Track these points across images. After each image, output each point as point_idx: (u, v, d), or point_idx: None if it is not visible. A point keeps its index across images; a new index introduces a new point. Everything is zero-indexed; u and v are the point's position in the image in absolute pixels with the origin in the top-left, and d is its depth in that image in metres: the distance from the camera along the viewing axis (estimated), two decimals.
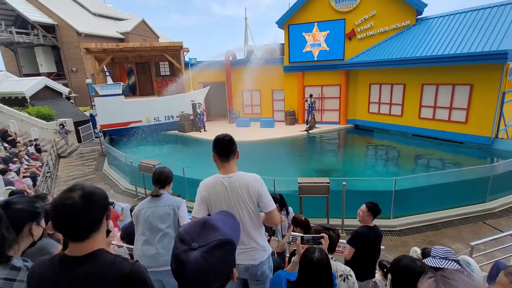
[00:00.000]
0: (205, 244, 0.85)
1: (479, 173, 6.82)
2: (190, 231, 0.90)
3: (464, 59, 9.89)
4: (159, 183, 2.62)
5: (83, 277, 1.06)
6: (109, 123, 14.13)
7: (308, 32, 14.68)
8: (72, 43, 23.81)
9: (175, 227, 2.49)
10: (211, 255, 0.85)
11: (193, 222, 0.97)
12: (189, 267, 0.82)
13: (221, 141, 2.11)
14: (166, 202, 2.52)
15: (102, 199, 1.12)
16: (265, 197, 2.05)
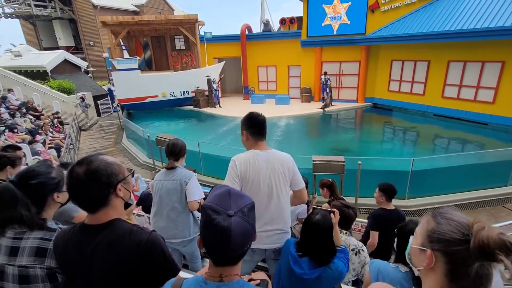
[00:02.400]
0: (239, 210, 0.95)
1: (503, 155, 6.56)
2: (220, 202, 0.97)
3: (497, 34, 9.16)
4: (173, 155, 2.61)
5: (103, 244, 1.11)
6: (126, 97, 14.37)
7: (328, 4, 13.92)
8: (88, 16, 23.78)
9: (182, 202, 2.51)
10: (248, 217, 0.97)
11: (218, 193, 1.01)
12: (235, 231, 0.91)
13: (257, 120, 2.13)
14: (176, 177, 2.53)
15: (105, 177, 1.12)
16: (298, 175, 2.10)
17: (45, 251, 1.26)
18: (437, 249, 0.88)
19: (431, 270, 0.90)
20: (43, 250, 1.26)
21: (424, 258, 0.91)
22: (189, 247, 2.64)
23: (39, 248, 1.26)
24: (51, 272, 1.26)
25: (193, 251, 2.70)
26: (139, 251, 1.12)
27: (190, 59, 16.64)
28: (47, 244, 1.28)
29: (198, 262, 2.75)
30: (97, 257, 1.10)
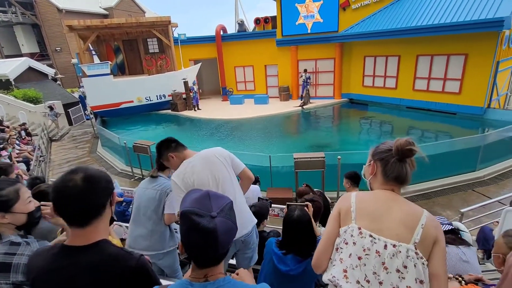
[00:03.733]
0: (221, 210, 0.98)
1: (471, 143, 6.95)
2: (200, 205, 0.97)
3: (460, 28, 9.70)
4: (160, 165, 2.51)
5: (86, 269, 1.01)
6: (99, 104, 13.81)
7: (301, 3, 14.12)
8: (53, 20, 22.61)
9: (158, 214, 2.41)
10: (230, 215, 1.00)
11: (196, 197, 1.01)
12: (221, 230, 0.93)
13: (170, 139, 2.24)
14: (158, 186, 2.43)
15: (105, 183, 1.08)
16: (235, 158, 2.21)
17: (9, 266, 1.22)
18: (376, 159, 1.32)
19: (374, 177, 1.34)
20: (7, 265, 1.22)
21: (370, 170, 1.35)
22: (166, 260, 2.50)
23: (2, 263, 1.22)
24: (17, 287, 1.21)
25: (172, 264, 2.57)
26: (126, 279, 1.05)
27: (165, 62, 16.28)
28: (10, 258, 1.24)
29: (179, 275, 2.63)
30: (80, 283, 1.02)
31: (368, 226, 1.21)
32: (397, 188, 1.28)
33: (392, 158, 1.25)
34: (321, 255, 1.32)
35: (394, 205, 1.22)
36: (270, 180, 6.56)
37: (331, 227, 1.32)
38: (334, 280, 1.21)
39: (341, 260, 1.22)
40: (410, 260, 1.12)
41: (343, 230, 1.26)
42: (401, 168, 1.24)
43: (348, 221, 1.26)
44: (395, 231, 1.16)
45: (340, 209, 1.31)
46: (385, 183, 1.28)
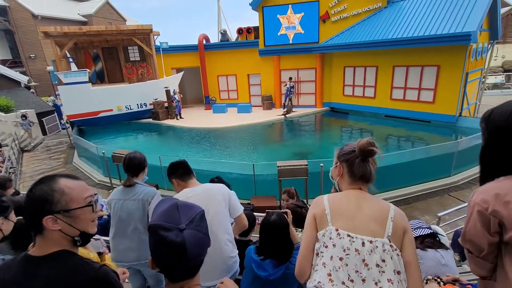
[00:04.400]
0: (191, 221, 0.93)
1: (445, 149, 7.26)
2: (168, 218, 0.93)
3: (432, 41, 10.26)
4: (130, 171, 2.40)
5: (43, 281, 0.97)
6: (76, 113, 13.31)
7: (283, 15, 14.46)
8: (27, 26, 21.81)
9: (144, 223, 2.33)
10: (201, 226, 0.96)
11: (164, 209, 0.96)
12: (189, 243, 0.89)
13: (180, 162, 2.20)
14: (138, 195, 2.32)
15: (34, 203, 1.00)
16: (236, 200, 2.16)
17: None
18: (342, 160, 1.40)
19: (341, 179, 1.41)
20: None
21: (337, 172, 1.42)
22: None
23: None
24: None
25: (158, 273, 2.49)
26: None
27: (146, 70, 16.04)
28: None
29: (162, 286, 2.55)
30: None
31: (344, 226, 1.25)
32: (364, 187, 1.36)
33: (356, 159, 1.34)
34: (303, 262, 1.32)
35: (364, 203, 1.29)
36: (254, 189, 6.51)
37: (308, 233, 1.33)
38: (320, 285, 1.20)
39: (323, 264, 1.23)
40: (387, 254, 1.18)
41: (321, 234, 1.28)
42: (365, 167, 1.33)
43: (324, 225, 1.29)
44: (369, 227, 1.23)
45: (314, 214, 1.34)
46: (352, 182, 1.36)
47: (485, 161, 1.26)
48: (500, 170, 1.16)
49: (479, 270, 1.23)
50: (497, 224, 1.09)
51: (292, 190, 3.73)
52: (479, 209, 1.13)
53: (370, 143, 1.32)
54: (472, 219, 1.17)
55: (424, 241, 2.20)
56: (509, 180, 1.12)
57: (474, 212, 1.15)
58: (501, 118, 1.15)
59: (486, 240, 1.13)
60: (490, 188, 1.14)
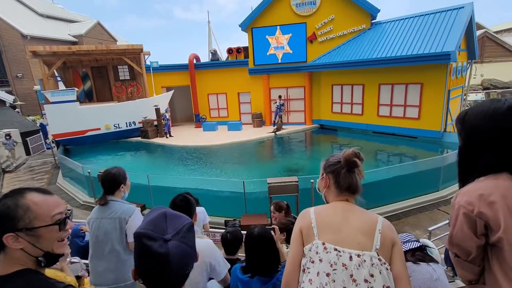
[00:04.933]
0: (177, 232, 0.90)
1: (432, 164, 7.37)
2: (155, 227, 0.90)
3: (414, 60, 10.70)
4: (104, 188, 2.29)
5: None
6: (62, 132, 13.04)
7: (271, 35, 14.90)
8: (16, 46, 21.70)
9: (122, 243, 2.21)
10: (187, 238, 0.92)
11: (152, 218, 0.93)
12: (173, 255, 0.86)
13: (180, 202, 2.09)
14: (114, 214, 2.20)
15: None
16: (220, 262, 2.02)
17: None
18: (328, 171, 1.39)
19: (328, 190, 1.39)
20: None
21: (323, 183, 1.40)
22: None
23: None
24: None
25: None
26: None
27: (136, 89, 16.03)
28: None
29: None
30: None
31: (331, 239, 1.21)
32: (350, 198, 1.34)
33: (342, 170, 1.33)
34: (289, 279, 1.26)
35: (351, 215, 1.26)
36: (244, 207, 6.38)
37: (295, 247, 1.29)
38: None
39: (310, 281, 1.17)
40: (375, 268, 1.13)
41: (308, 249, 1.23)
42: (351, 178, 1.32)
43: (311, 238, 1.24)
44: (356, 240, 1.19)
45: (301, 227, 1.30)
46: (338, 194, 1.34)
47: (463, 162, 1.26)
48: (478, 170, 1.16)
49: (467, 274, 1.20)
50: (483, 226, 1.08)
51: (281, 203, 3.62)
52: (464, 212, 1.11)
53: (355, 153, 1.32)
54: (458, 222, 1.14)
55: (415, 254, 2.16)
56: (489, 180, 1.11)
57: (459, 215, 1.13)
58: (477, 118, 1.16)
59: (474, 243, 1.11)
60: (473, 189, 1.12)
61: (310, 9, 14.11)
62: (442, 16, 11.21)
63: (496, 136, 1.10)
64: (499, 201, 1.04)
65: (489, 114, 1.13)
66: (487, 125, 1.12)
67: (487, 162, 1.14)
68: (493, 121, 1.11)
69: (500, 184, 1.08)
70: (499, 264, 1.07)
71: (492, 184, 1.09)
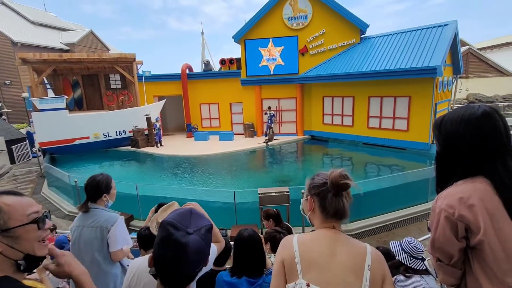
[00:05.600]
0: (199, 229, 0.98)
1: (420, 175, 7.48)
2: (180, 219, 0.99)
3: (402, 74, 11.01)
4: (87, 195, 2.23)
5: None
6: (49, 140, 12.75)
7: (264, 47, 15.15)
8: (5, 53, 21.40)
9: (103, 252, 2.11)
10: (206, 237, 1.00)
11: (179, 212, 1.03)
12: (192, 247, 0.93)
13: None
14: (97, 222, 2.12)
15: None
16: None
17: None
18: (313, 193, 1.24)
19: (313, 214, 1.25)
20: None
21: (308, 206, 1.27)
22: None
23: None
24: None
25: None
26: None
27: (127, 97, 15.93)
28: None
29: None
30: None
31: (316, 279, 1.09)
32: (337, 224, 1.22)
33: (328, 193, 1.18)
34: None
35: (338, 247, 1.14)
36: (235, 217, 6.30)
37: (276, 283, 1.18)
38: None
39: None
40: None
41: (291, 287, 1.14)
42: (338, 202, 1.17)
43: (294, 276, 1.13)
44: (344, 279, 1.08)
45: (283, 259, 1.19)
46: (324, 220, 1.21)
47: (441, 167, 1.27)
48: (456, 174, 1.18)
49: (449, 279, 1.21)
50: (464, 228, 1.09)
51: (269, 211, 3.56)
52: (446, 215, 1.12)
53: (343, 175, 1.16)
54: (440, 226, 1.15)
55: (409, 269, 2.15)
56: (467, 183, 1.14)
57: (441, 218, 1.14)
58: (453, 124, 1.20)
59: (456, 246, 1.12)
60: (452, 193, 1.14)
61: (302, 23, 14.46)
62: (428, 32, 11.65)
63: (472, 141, 1.14)
64: (478, 204, 1.07)
65: (464, 120, 1.17)
66: (463, 130, 1.16)
67: (464, 166, 1.17)
68: (468, 127, 1.15)
69: (477, 187, 1.11)
70: (480, 266, 1.09)
71: (470, 188, 1.12)
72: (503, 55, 26.68)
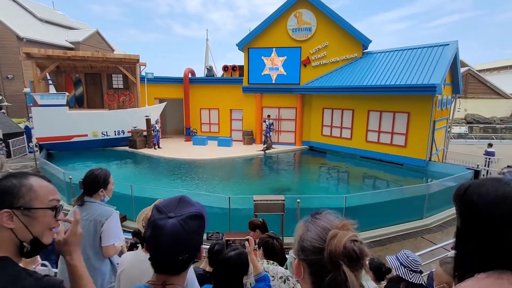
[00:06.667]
0: (181, 215, 0.99)
1: (417, 191, 7.48)
2: (167, 204, 1.03)
3: (402, 90, 11.13)
4: (84, 188, 2.19)
5: None
6: (47, 136, 12.71)
7: (267, 56, 15.33)
8: (10, 47, 21.49)
9: (95, 247, 2.06)
10: (186, 223, 0.98)
11: (170, 198, 1.06)
12: (166, 230, 0.94)
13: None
14: (91, 215, 2.08)
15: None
16: None
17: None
18: (302, 258, 0.81)
19: (303, 281, 0.83)
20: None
21: (294, 270, 0.84)
22: None
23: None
24: None
25: None
26: None
27: (129, 98, 15.97)
28: None
29: None
30: None
31: None
32: None
33: (326, 268, 0.75)
34: None
35: None
36: (228, 223, 6.25)
37: None
38: None
39: None
40: None
41: None
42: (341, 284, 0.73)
43: None
44: None
45: None
46: None
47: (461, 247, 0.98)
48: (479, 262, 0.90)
49: None
50: None
51: (255, 222, 3.44)
52: None
53: (351, 249, 0.73)
54: None
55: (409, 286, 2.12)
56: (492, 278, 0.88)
57: None
58: (483, 199, 0.89)
59: None
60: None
61: (305, 35, 14.68)
62: (429, 51, 11.84)
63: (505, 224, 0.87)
64: None
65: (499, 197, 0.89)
66: (496, 209, 0.88)
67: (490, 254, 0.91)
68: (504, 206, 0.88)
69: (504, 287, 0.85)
70: None
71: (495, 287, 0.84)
72: (502, 78, 27.11)
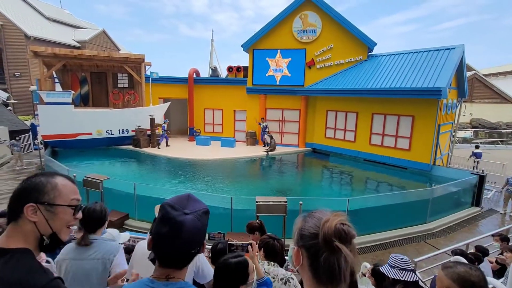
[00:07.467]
0: (195, 211, 1.06)
1: (421, 195, 7.43)
2: (178, 202, 1.07)
3: (407, 93, 11.07)
4: (88, 226, 2.03)
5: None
6: (53, 133, 12.83)
7: (271, 58, 15.33)
8: (18, 45, 21.77)
9: (104, 285, 1.95)
10: (201, 218, 1.07)
11: (178, 196, 1.11)
12: (187, 226, 1.01)
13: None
14: (97, 254, 1.95)
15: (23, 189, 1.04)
16: None
17: None
18: (301, 245, 0.91)
19: (302, 268, 0.91)
20: None
21: (294, 258, 0.93)
22: None
23: None
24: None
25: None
26: None
27: (133, 97, 16.07)
28: None
29: None
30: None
31: None
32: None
33: (320, 250, 0.85)
34: None
35: None
36: (230, 224, 6.25)
37: None
38: None
39: None
40: None
41: None
42: (334, 263, 0.82)
43: None
44: None
45: None
46: (316, 285, 0.88)
47: None
48: None
49: None
50: None
51: (253, 224, 3.36)
52: None
53: (341, 229, 0.84)
54: None
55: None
56: None
57: None
58: None
59: None
60: None
61: (310, 37, 14.67)
62: (435, 54, 11.76)
63: None
64: None
65: None
66: None
67: None
68: None
69: None
70: None
71: None
72: (508, 83, 26.83)
